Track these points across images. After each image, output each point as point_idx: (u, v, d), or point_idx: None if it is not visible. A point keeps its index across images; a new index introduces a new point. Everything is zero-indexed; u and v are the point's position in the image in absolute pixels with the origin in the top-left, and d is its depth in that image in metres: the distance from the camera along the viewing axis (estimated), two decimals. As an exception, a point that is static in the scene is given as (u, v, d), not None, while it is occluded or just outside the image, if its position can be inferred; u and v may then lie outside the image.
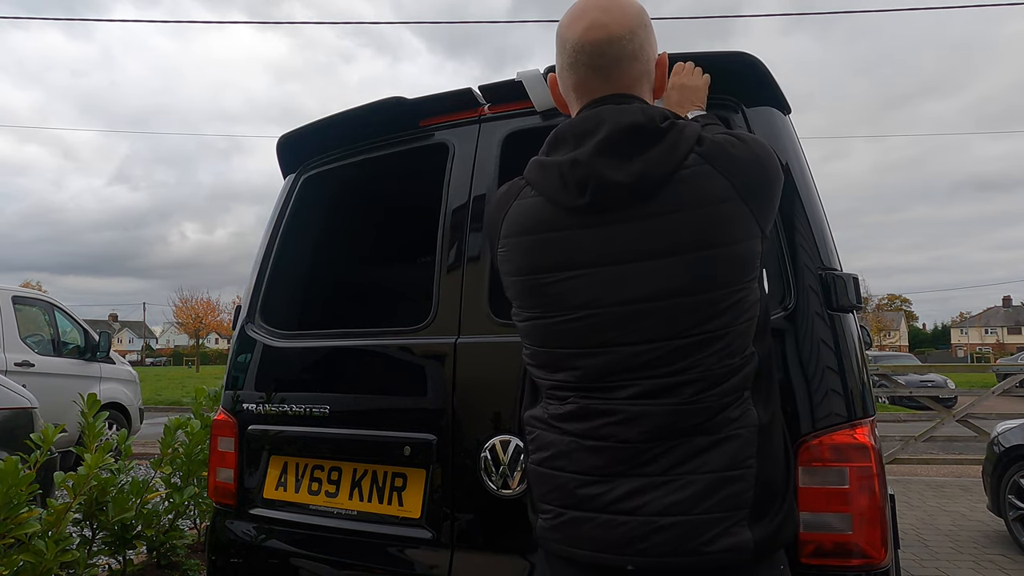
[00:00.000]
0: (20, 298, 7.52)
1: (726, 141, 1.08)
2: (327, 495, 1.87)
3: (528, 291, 1.14)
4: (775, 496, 1.06)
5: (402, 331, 1.87)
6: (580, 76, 1.16)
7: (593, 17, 1.13)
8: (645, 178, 1.04)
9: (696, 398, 1.02)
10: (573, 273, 1.08)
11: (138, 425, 8.51)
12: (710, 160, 1.05)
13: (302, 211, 2.27)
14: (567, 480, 1.09)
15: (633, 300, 1.04)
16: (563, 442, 1.10)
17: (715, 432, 1.02)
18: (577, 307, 1.08)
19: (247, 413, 2.04)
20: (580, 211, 1.08)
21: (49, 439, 2.95)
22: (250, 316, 2.17)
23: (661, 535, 1.00)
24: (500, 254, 1.18)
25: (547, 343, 1.13)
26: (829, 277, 1.48)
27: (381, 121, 2.07)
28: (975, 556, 4.46)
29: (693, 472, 1.01)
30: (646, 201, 1.05)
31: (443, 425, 1.70)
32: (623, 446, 1.04)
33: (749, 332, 1.07)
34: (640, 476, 1.02)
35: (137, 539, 3.41)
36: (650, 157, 1.05)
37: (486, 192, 1.83)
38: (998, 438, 4.93)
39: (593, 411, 1.07)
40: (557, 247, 1.10)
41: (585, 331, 1.08)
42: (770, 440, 1.06)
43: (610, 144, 1.06)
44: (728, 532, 1.00)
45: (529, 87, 1.74)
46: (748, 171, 1.06)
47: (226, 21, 51.40)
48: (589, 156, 1.07)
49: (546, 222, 1.11)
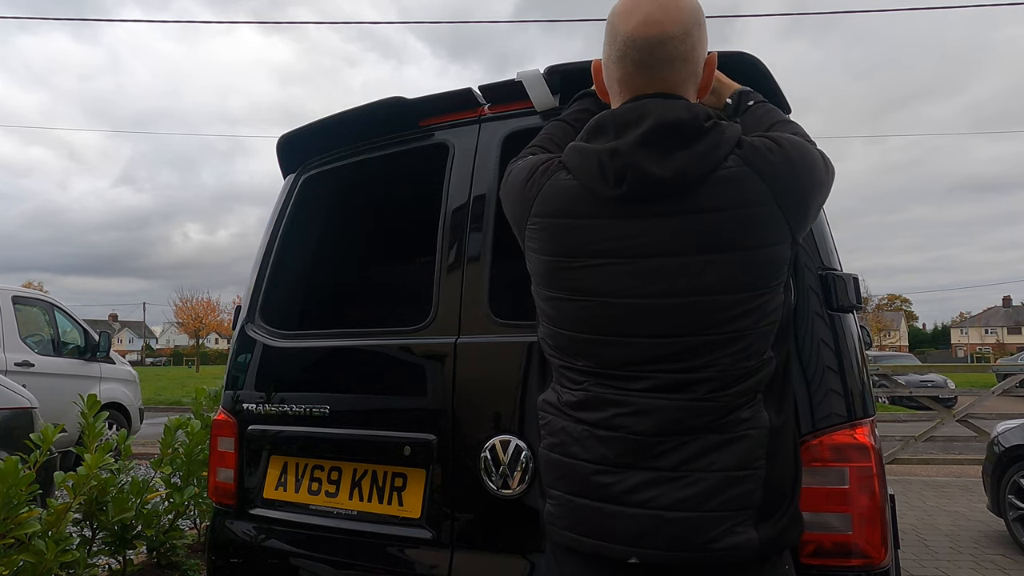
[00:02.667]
0: (20, 298, 7.52)
1: (765, 145, 1.08)
2: (327, 495, 1.87)
3: (554, 272, 1.14)
4: (782, 499, 1.06)
5: (402, 331, 1.87)
6: (627, 71, 1.14)
7: (648, 12, 1.11)
8: (683, 175, 1.04)
9: (709, 396, 1.03)
10: (602, 261, 1.08)
11: (138, 425, 8.50)
12: (749, 163, 1.05)
13: (302, 211, 2.27)
14: (577, 467, 1.09)
15: (658, 294, 1.05)
16: (575, 430, 1.10)
17: (726, 431, 1.02)
18: (602, 294, 1.08)
19: (247, 413, 2.04)
20: (615, 201, 1.08)
21: (49, 439, 2.95)
22: (250, 316, 2.17)
23: (668, 529, 1.01)
24: (530, 231, 1.18)
25: (566, 325, 1.14)
26: (829, 277, 1.48)
27: (381, 121, 2.07)
28: (975, 556, 4.46)
29: (703, 470, 1.01)
30: (682, 198, 1.05)
31: (443, 425, 1.70)
32: (634, 438, 1.04)
33: (769, 336, 1.07)
34: (650, 470, 1.03)
35: (137, 539, 3.41)
36: (690, 154, 1.05)
37: (486, 192, 1.83)
38: (998, 438, 4.93)
39: (606, 400, 1.08)
40: (588, 234, 1.10)
41: (606, 319, 1.08)
42: (781, 443, 1.07)
43: (652, 137, 1.06)
44: (734, 531, 1.00)
45: (529, 87, 1.74)
46: (785, 176, 1.06)
47: (230, 21, 51.49)
48: (630, 147, 1.06)
49: (580, 208, 1.11)
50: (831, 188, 1.16)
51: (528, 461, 1.56)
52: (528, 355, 1.62)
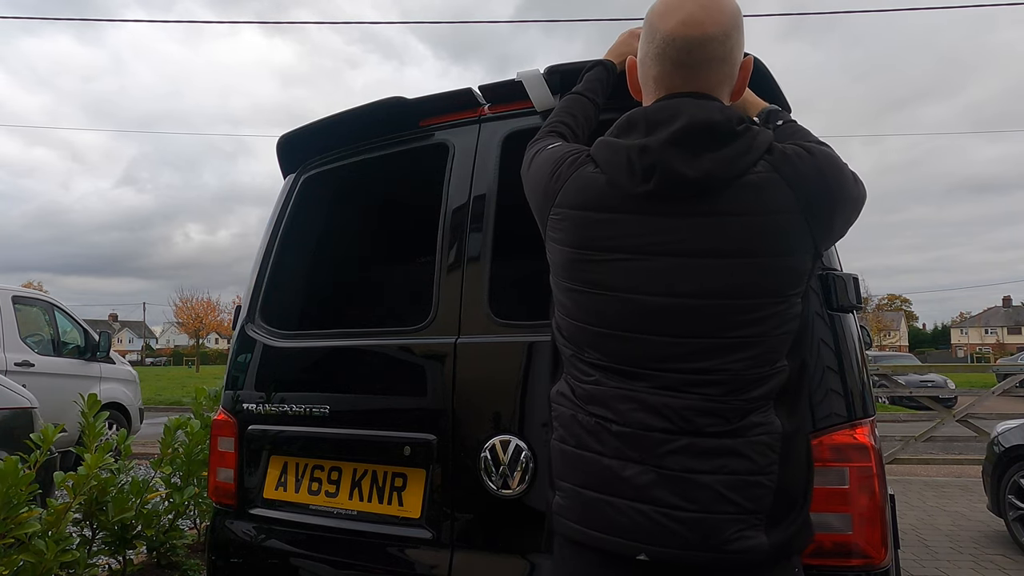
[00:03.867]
0: (20, 298, 7.51)
1: (796, 153, 1.08)
2: (327, 495, 1.87)
3: (574, 264, 1.14)
4: (794, 504, 1.06)
5: (402, 331, 1.87)
6: (664, 70, 1.14)
7: (690, 12, 1.10)
8: (711, 177, 1.04)
9: (720, 399, 1.03)
10: (623, 256, 1.08)
11: (138, 425, 8.50)
12: (778, 169, 1.05)
13: (302, 211, 2.27)
14: (588, 460, 1.09)
15: (676, 294, 1.05)
16: (588, 423, 1.10)
17: (738, 435, 1.02)
18: (620, 290, 1.09)
19: (247, 413, 2.04)
20: (641, 198, 1.08)
21: (49, 439, 2.95)
22: (250, 316, 2.17)
23: (680, 529, 1.00)
24: (552, 221, 1.18)
25: (580, 317, 1.14)
26: (829, 277, 1.47)
27: (381, 121, 2.07)
28: (975, 556, 4.46)
29: (713, 472, 1.01)
30: (708, 200, 1.05)
31: (443, 425, 1.70)
32: (644, 434, 1.04)
33: (784, 345, 1.06)
34: (659, 468, 1.03)
35: (137, 539, 3.41)
36: (720, 157, 1.04)
37: (486, 192, 1.83)
38: (998, 438, 4.92)
39: (617, 396, 1.08)
40: (611, 228, 1.10)
41: (622, 314, 1.08)
42: (793, 448, 1.06)
43: (683, 137, 1.06)
44: (744, 535, 1.00)
45: (529, 87, 1.74)
46: (814, 184, 1.06)
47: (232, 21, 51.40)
48: (660, 145, 1.06)
49: (605, 202, 1.11)
50: (861, 209, 1.14)
51: (528, 461, 1.56)
52: (529, 354, 1.63)
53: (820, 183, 1.06)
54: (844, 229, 1.13)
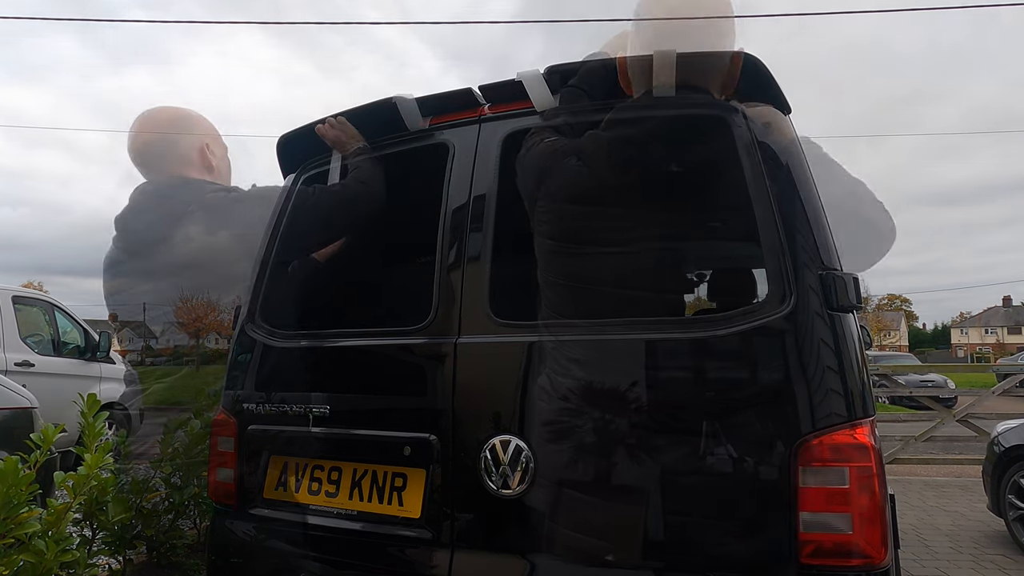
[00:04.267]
0: (20, 298, 7.51)
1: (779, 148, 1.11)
2: (327, 495, 1.87)
3: (555, 255, 1.19)
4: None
5: (402, 331, 1.87)
6: (650, 62, 1.17)
7: (672, 7, 1.15)
8: (688, 170, 1.05)
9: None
10: (598, 249, 1.10)
11: (138, 425, 8.50)
12: (755, 166, 1.07)
13: (302, 211, 2.27)
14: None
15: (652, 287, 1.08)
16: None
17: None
18: (597, 281, 1.15)
19: (247, 413, 2.04)
20: (619, 189, 1.09)
21: (49, 439, 2.94)
22: (250, 316, 2.17)
23: None
24: (539, 211, 1.20)
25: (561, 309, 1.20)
26: (829, 277, 1.47)
27: (381, 121, 2.07)
28: (975, 556, 4.46)
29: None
30: (690, 193, 1.06)
31: (443, 425, 1.70)
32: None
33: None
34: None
35: (137, 539, 3.41)
36: (697, 151, 1.06)
37: (486, 192, 1.82)
38: (998, 438, 4.92)
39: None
40: (591, 220, 1.11)
41: (593, 300, 1.15)
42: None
43: (661, 131, 1.07)
44: None
45: (529, 87, 1.74)
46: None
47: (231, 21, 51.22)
48: (640, 138, 1.07)
49: (586, 194, 1.12)
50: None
51: (528, 461, 1.56)
52: (529, 354, 1.63)
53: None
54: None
